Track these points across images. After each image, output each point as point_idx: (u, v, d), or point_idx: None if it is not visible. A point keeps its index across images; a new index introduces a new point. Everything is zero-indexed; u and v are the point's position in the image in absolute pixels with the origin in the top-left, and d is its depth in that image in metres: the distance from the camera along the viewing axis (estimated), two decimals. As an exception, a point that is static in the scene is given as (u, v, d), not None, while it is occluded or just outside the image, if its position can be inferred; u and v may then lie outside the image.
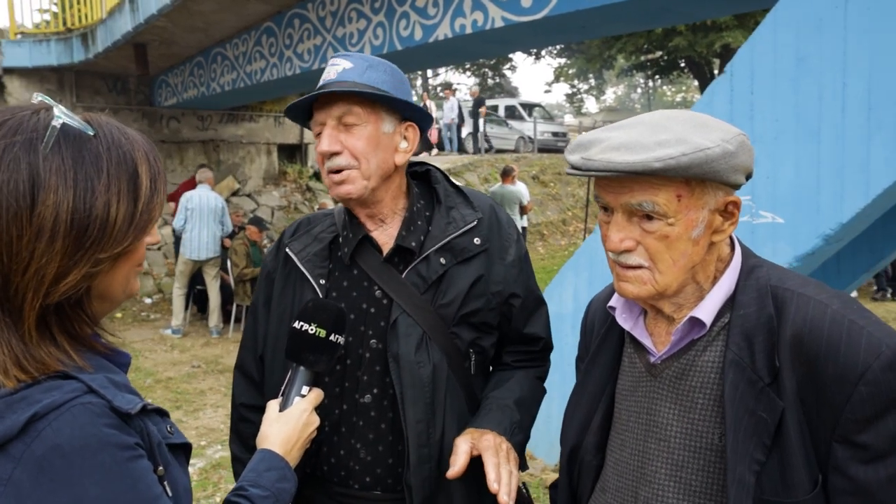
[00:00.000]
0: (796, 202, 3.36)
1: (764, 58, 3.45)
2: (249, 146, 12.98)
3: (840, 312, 1.03)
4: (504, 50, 7.92)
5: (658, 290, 1.11)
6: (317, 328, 1.34)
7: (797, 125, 3.35)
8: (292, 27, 7.93)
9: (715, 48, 17.66)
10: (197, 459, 4.86)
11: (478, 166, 16.37)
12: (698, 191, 1.06)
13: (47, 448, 0.80)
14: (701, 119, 1.10)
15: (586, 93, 33.52)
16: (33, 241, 0.84)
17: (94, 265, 0.88)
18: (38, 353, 0.87)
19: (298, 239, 1.62)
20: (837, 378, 0.99)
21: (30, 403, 0.82)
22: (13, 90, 10.60)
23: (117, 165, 0.90)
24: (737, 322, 1.09)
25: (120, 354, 1.02)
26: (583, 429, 1.29)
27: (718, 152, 1.03)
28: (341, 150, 1.45)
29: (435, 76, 42.07)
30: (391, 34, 6.74)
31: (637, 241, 1.09)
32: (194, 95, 10.29)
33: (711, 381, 1.12)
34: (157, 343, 8.31)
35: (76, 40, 10.10)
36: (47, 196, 0.84)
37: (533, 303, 1.64)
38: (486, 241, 1.56)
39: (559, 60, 28.39)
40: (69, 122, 0.89)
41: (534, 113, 23.77)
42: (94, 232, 0.87)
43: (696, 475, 1.13)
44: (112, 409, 0.86)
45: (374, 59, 1.49)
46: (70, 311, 0.91)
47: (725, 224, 1.10)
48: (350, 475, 1.51)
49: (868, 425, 0.98)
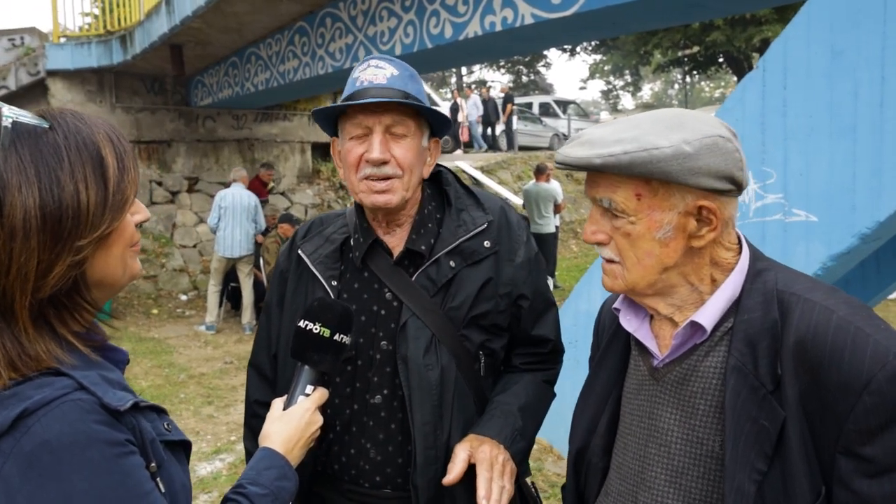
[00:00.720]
0: (831, 200, 3.27)
1: (797, 52, 3.36)
2: (283, 145, 13.12)
3: (846, 319, 0.99)
4: (534, 47, 7.86)
5: (627, 286, 1.13)
6: (321, 328, 1.34)
7: (832, 121, 3.26)
8: (324, 26, 7.99)
9: (754, 42, 17.30)
10: (227, 454, 4.93)
11: (511, 164, 16.32)
12: (662, 191, 1.05)
13: (36, 444, 0.81)
14: (683, 119, 1.07)
15: (622, 89, 33.13)
16: (9, 243, 0.85)
17: (76, 253, 0.89)
18: (33, 349, 0.87)
19: (311, 240, 1.62)
20: (841, 387, 0.96)
21: (20, 400, 0.83)
22: (56, 92, 10.88)
23: (78, 152, 0.90)
24: (740, 327, 1.06)
25: (117, 351, 1.02)
26: (589, 431, 1.29)
27: (668, 153, 1.01)
28: (390, 158, 1.45)
29: (469, 73, 42.04)
30: (422, 32, 6.75)
31: (609, 236, 1.12)
32: (229, 95, 10.44)
33: (713, 386, 1.09)
34: (192, 339, 8.46)
35: (115, 42, 10.32)
36: (12, 196, 0.85)
37: (542, 304, 1.62)
38: (495, 243, 1.55)
39: (594, 57, 28.11)
40: (21, 119, 0.89)
41: (568, 110, 23.59)
42: (68, 221, 0.88)
43: (696, 482, 1.10)
44: (102, 405, 0.87)
45: (410, 67, 1.50)
46: (67, 302, 0.92)
47: (703, 230, 1.07)
48: (360, 474, 1.52)
49: (872, 437, 0.94)
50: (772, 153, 3.49)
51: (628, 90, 32.68)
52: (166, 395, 6.25)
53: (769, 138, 3.50)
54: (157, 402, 1.04)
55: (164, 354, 7.72)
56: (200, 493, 4.28)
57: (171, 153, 11.77)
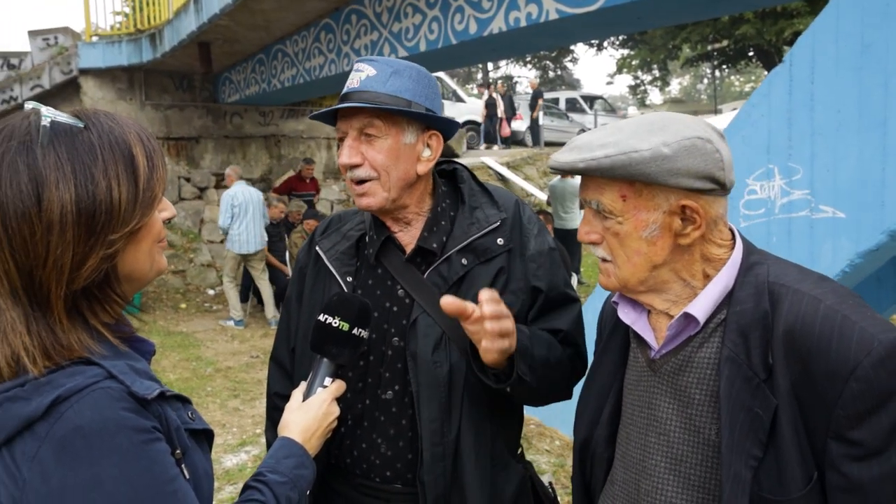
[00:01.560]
0: (859, 196, 3.22)
1: (826, 46, 3.31)
2: (310, 141, 13.23)
3: (833, 308, 1.02)
4: (559, 43, 7.83)
5: (620, 283, 1.18)
6: (340, 321, 1.37)
7: (861, 116, 3.20)
8: (349, 23, 8.03)
9: (785, 36, 17.00)
10: (252, 447, 5.00)
11: (537, 160, 16.25)
12: (646, 192, 1.10)
13: (69, 429, 0.85)
14: (666, 122, 1.11)
15: (650, 84, 32.73)
16: (46, 236, 0.89)
17: (109, 247, 0.93)
18: (67, 339, 0.91)
19: (328, 237, 1.64)
20: (829, 374, 0.99)
21: (54, 387, 0.87)
22: (88, 90, 11.08)
23: (111, 150, 0.94)
24: (733, 318, 1.10)
25: (144, 343, 1.07)
26: (592, 422, 1.33)
27: (646, 156, 1.06)
28: (362, 161, 1.46)
29: (496, 69, 41.92)
30: (446, 28, 6.75)
31: (601, 236, 1.17)
32: (256, 92, 10.55)
33: (708, 376, 1.13)
34: (219, 333, 8.58)
35: (145, 41, 10.48)
36: (50, 192, 0.89)
37: (558, 298, 1.58)
38: (509, 241, 1.55)
39: (622, 51, 27.83)
40: (58, 119, 0.94)
41: (595, 105, 23.42)
42: (102, 216, 0.92)
43: (695, 469, 1.14)
44: (130, 394, 0.91)
45: (399, 64, 1.48)
46: (98, 294, 0.96)
47: (688, 228, 1.10)
48: (371, 468, 1.54)
49: (860, 422, 0.98)
50: (798, 149, 3.44)
51: (656, 85, 32.27)
52: (193, 388, 6.35)
53: (796, 133, 3.45)
54: (185, 394, 1.08)
55: (192, 348, 7.84)
56: (226, 484, 4.35)
57: (199, 149, 11.93)
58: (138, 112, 11.36)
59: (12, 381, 0.89)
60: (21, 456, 0.85)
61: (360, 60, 1.50)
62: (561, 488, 4.18)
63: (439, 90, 1.57)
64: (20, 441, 0.86)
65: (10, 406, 0.87)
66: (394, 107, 1.43)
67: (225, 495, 4.18)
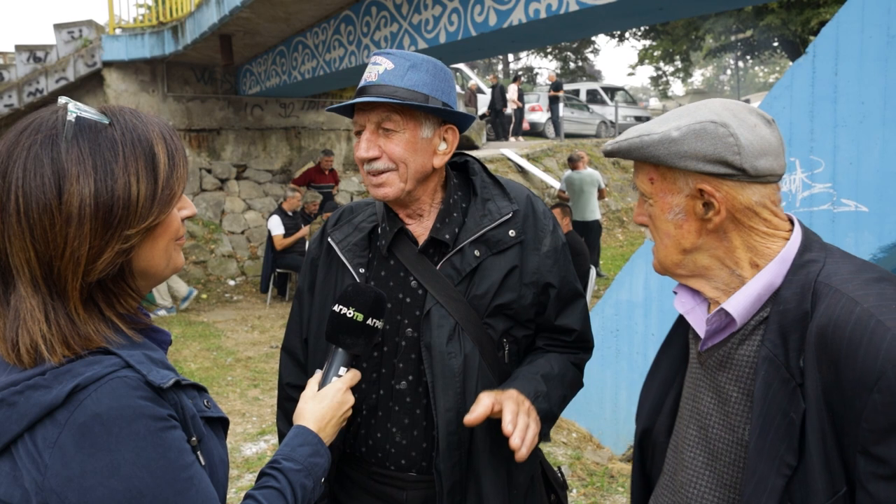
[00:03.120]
0: (882, 190, 3.18)
1: (850, 37, 3.26)
2: (329, 133, 13.27)
3: (868, 311, 0.96)
4: (579, 34, 7.77)
5: (660, 265, 1.22)
6: (355, 312, 1.38)
7: (885, 108, 3.16)
8: (369, 15, 8.03)
9: (811, 26, 16.74)
10: (271, 436, 5.06)
11: (557, 152, 16.17)
12: (669, 176, 1.13)
13: (88, 416, 0.88)
14: (699, 107, 1.13)
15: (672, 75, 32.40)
16: (65, 228, 0.92)
17: (124, 241, 0.95)
18: (85, 329, 0.94)
19: (340, 228, 1.66)
20: (856, 382, 0.93)
21: (74, 376, 0.90)
22: (111, 82, 11.20)
23: (132, 147, 0.96)
24: (775, 317, 1.06)
25: (161, 333, 1.09)
26: (654, 412, 1.33)
27: (656, 138, 1.10)
28: (380, 154, 1.48)
29: (516, 60, 41.70)
30: (466, 20, 6.73)
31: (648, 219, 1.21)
32: (277, 83, 10.60)
33: (745, 375, 1.10)
34: (239, 323, 8.67)
35: (167, 33, 10.57)
36: (71, 185, 0.92)
37: (568, 294, 1.62)
38: (521, 232, 1.56)
39: (644, 42, 27.55)
40: (84, 114, 0.96)
41: (616, 97, 23.23)
42: (119, 211, 0.94)
43: (728, 468, 1.12)
44: (147, 382, 0.93)
45: (416, 58, 1.49)
46: (114, 287, 0.98)
47: (710, 212, 1.10)
48: (386, 457, 1.56)
49: (884, 437, 0.91)
50: (820, 141, 3.40)
51: (678, 76, 31.91)
52: (214, 377, 6.43)
53: (818, 126, 3.41)
54: (205, 384, 1.09)
55: (213, 338, 7.93)
56: (246, 472, 4.41)
57: (220, 141, 12.02)
58: (160, 104, 11.46)
59: (33, 369, 0.91)
60: (42, 442, 0.88)
61: (377, 53, 1.51)
62: (577, 480, 4.19)
63: (455, 83, 1.58)
64: (41, 428, 0.88)
65: (32, 394, 0.89)
66: (413, 102, 1.44)
67: (245, 483, 4.24)
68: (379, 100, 1.44)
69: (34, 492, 0.87)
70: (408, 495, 1.56)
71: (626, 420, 4.61)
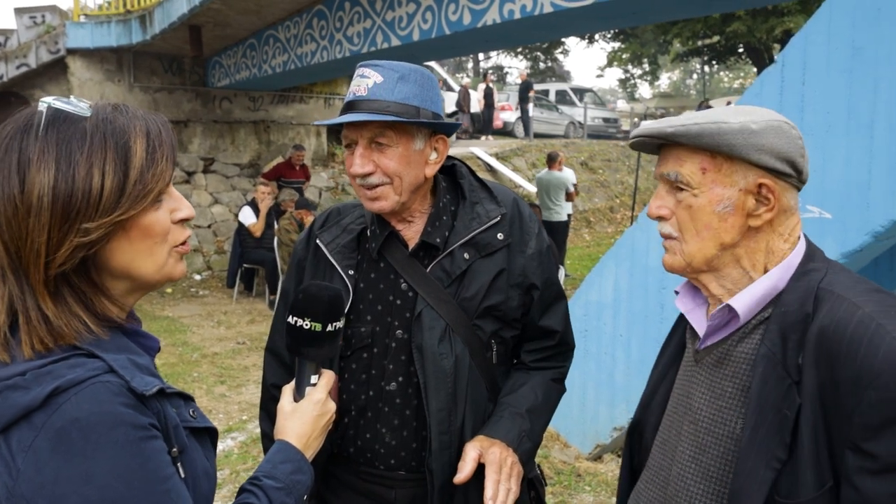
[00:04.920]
0: (845, 197, 3.27)
1: (817, 48, 3.35)
2: (299, 127, 13.16)
3: (870, 315, 1.00)
4: (553, 35, 7.84)
5: (686, 261, 1.19)
6: (311, 322, 1.29)
7: (849, 118, 3.25)
8: (343, 10, 7.99)
9: (775, 34, 17.11)
10: (238, 433, 5.01)
11: (526, 151, 16.28)
12: (726, 167, 1.13)
13: (66, 420, 0.85)
14: (751, 108, 1.16)
15: (640, 78, 32.83)
16: (26, 218, 0.90)
17: (83, 234, 0.92)
18: (57, 324, 0.92)
19: (328, 230, 1.66)
20: (852, 380, 0.97)
21: (55, 378, 0.87)
22: (75, 70, 10.95)
23: (103, 139, 0.94)
24: (776, 318, 1.10)
25: (148, 338, 1.06)
26: (643, 406, 1.37)
27: (735, 127, 1.09)
28: (374, 170, 1.48)
29: (486, 59, 41.80)
30: (440, 18, 6.74)
31: (672, 211, 1.19)
32: (246, 77, 10.48)
33: (742, 371, 1.14)
34: (205, 318, 8.56)
35: (135, 22, 10.36)
36: (32, 175, 0.90)
37: (551, 295, 1.65)
38: (508, 235, 1.58)
39: (613, 45, 27.86)
40: (58, 105, 0.95)
41: (585, 98, 23.45)
42: (78, 202, 0.91)
43: (715, 461, 1.15)
44: (129, 389, 0.91)
45: (404, 68, 1.49)
46: (79, 282, 0.95)
47: (761, 209, 1.12)
48: (375, 457, 1.57)
49: (877, 433, 0.95)
50: (788, 149, 3.48)
51: (646, 79, 32.37)
52: (179, 373, 6.34)
53: (786, 134, 3.49)
54: (171, 380, 1.07)
55: (178, 333, 7.81)
56: (212, 470, 4.36)
57: (187, 133, 11.84)
58: (126, 94, 11.24)
59: (11, 368, 0.89)
60: (17, 445, 0.85)
61: (364, 65, 1.50)
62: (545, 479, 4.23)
63: (440, 90, 1.59)
64: (17, 430, 0.86)
65: (10, 394, 0.87)
66: (407, 119, 1.45)
67: (211, 481, 4.20)
68: (374, 118, 1.43)
69: (4, 497, 0.85)
70: (396, 494, 1.57)
71: (592, 419, 4.67)
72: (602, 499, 4.00)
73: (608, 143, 19.10)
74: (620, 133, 22.21)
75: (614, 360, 4.58)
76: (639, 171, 13.77)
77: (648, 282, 4.28)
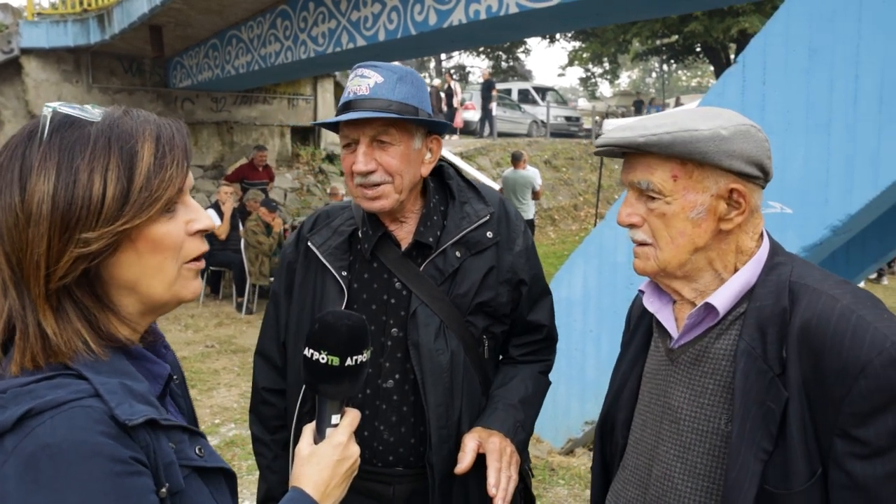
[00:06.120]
0: (805, 193, 3.39)
1: (776, 49, 3.46)
2: (263, 128, 13.05)
3: (850, 307, 1.04)
4: (518, 35, 7.92)
5: (660, 266, 1.19)
6: (328, 356, 1.14)
7: (808, 117, 3.37)
8: (307, 10, 7.95)
9: (731, 33, 17.49)
10: (211, 437, 4.97)
11: (490, 150, 16.37)
12: (697, 174, 1.13)
13: (37, 446, 0.78)
14: (718, 111, 1.16)
15: (600, 77, 33.25)
16: (26, 228, 0.86)
17: (84, 244, 0.86)
18: (56, 341, 0.86)
19: (319, 232, 1.68)
20: (839, 371, 1.01)
21: (32, 398, 0.81)
22: (30, 70, 10.69)
23: (106, 144, 0.88)
24: (752, 312, 1.12)
25: (158, 365, 0.98)
26: (613, 402, 1.39)
27: (707, 134, 1.10)
28: (376, 168, 1.51)
29: (448, 58, 41.86)
30: (406, 19, 6.76)
31: (643, 219, 1.19)
32: (209, 77, 10.36)
33: (723, 367, 1.16)
34: (171, 323, 8.43)
35: (92, 21, 10.16)
36: (32, 183, 0.86)
37: (538, 291, 1.71)
38: (497, 234, 1.63)
39: (574, 44, 28.15)
40: (64, 110, 0.90)
41: (547, 97, 23.66)
42: (78, 210, 0.86)
43: (701, 458, 1.17)
44: (112, 417, 0.82)
45: (401, 70, 1.53)
46: (83, 297, 0.90)
47: (732, 213, 1.14)
48: (374, 454, 1.60)
49: (866, 420, 0.99)
50: (750, 147, 3.59)
51: (606, 78, 32.78)
52: (148, 378, 6.24)
53: (748, 132, 3.60)
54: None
55: (144, 338, 7.69)
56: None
57: (148, 135, 11.65)
58: (84, 95, 11.02)
59: None
60: None
61: (363, 66, 1.53)
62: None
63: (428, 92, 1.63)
64: None
65: None
66: (410, 116, 1.49)
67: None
68: (379, 115, 1.46)
69: None
70: (395, 490, 1.60)
71: (564, 415, 4.75)
72: (576, 491, 4.08)
73: (571, 141, 19.32)
74: (582, 131, 22.48)
75: (584, 355, 4.67)
76: (602, 170, 13.97)
77: (617, 278, 4.37)
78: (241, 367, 6.62)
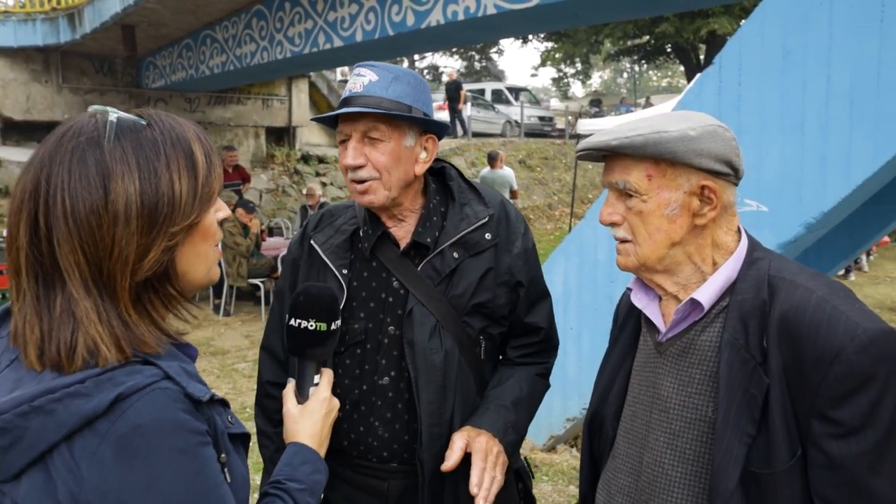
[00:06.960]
0: (780, 192, 3.47)
1: (751, 50, 3.54)
2: (237, 129, 12.95)
3: (825, 298, 1.12)
4: (495, 36, 7.98)
5: (640, 261, 1.27)
6: (317, 323, 1.33)
7: (782, 117, 3.45)
8: (283, 10, 7.93)
9: (701, 34, 17.78)
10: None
11: (465, 150, 16.42)
12: (670, 172, 1.21)
13: (129, 427, 0.86)
14: (688, 114, 1.24)
15: (573, 77, 33.53)
16: (112, 227, 0.91)
17: (170, 239, 0.95)
18: (138, 331, 0.94)
19: (322, 231, 1.71)
20: (816, 358, 1.09)
21: (115, 384, 0.88)
22: (-2, 70, 10.50)
23: (172, 146, 0.97)
24: (734, 306, 1.19)
25: (189, 348, 1.07)
26: (601, 400, 1.43)
27: (676, 135, 1.18)
28: (365, 163, 1.54)
29: (421, 59, 41.88)
30: (383, 19, 6.77)
31: (623, 217, 1.27)
32: (182, 77, 10.27)
33: (708, 358, 1.23)
34: (148, 325, 8.35)
35: (62, 20, 10.00)
36: (116, 184, 0.92)
37: (536, 293, 1.73)
38: (495, 235, 1.66)
39: (546, 45, 28.36)
40: (122, 115, 0.97)
41: (520, 97, 23.79)
42: (164, 208, 0.94)
43: (690, 444, 1.24)
44: (186, 395, 0.92)
45: (399, 70, 1.56)
46: (160, 287, 0.98)
47: (705, 208, 1.21)
48: (369, 450, 1.62)
49: (841, 402, 1.07)
50: (727, 146, 3.67)
51: (579, 78, 33.09)
52: (125, 381, 6.18)
53: (724, 132, 3.68)
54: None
55: (120, 341, 7.60)
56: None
57: (120, 136, 11.50)
58: (54, 96, 10.85)
59: (71, 376, 0.89)
60: (80, 452, 0.86)
61: (361, 65, 1.57)
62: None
63: (431, 95, 1.66)
64: (80, 438, 0.86)
65: (71, 402, 0.87)
66: (398, 112, 1.52)
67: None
68: (367, 110, 1.50)
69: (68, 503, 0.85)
70: (389, 485, 1.63)
71: (546, 412, 4.80)
72: (560, 487, 4.14)
73: (545, 141, 19.46)
74: (556, 131, 22.64)
75: (565, 352, 4.70)
76: (576, 169, 14.10)
77: (597, 276, 4.43)
78: (220, 370, 6.58)
